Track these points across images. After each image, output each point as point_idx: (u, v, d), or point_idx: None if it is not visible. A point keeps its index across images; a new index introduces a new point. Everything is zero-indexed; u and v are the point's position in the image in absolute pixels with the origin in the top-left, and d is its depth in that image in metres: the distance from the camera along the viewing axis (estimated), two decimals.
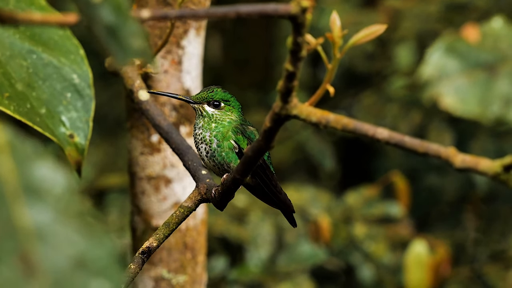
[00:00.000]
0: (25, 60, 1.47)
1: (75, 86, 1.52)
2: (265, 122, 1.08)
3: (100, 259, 0.74)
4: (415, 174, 3.90)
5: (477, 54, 0.83)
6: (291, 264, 3.07)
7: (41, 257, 0.72)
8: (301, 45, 0.97)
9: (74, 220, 0.74)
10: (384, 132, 0.94)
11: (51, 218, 0.74)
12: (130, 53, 0.79)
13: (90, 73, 1.54)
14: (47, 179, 0.75)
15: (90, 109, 1.53)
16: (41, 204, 0.74)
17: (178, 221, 1.50)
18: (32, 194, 0.74)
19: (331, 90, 1.05)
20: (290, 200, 1.58)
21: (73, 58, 1.53)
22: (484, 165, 0.86)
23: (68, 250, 0.73)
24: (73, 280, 0.72)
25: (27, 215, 0.73)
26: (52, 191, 0.75)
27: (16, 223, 0.73)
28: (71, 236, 0.74)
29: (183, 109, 1.95)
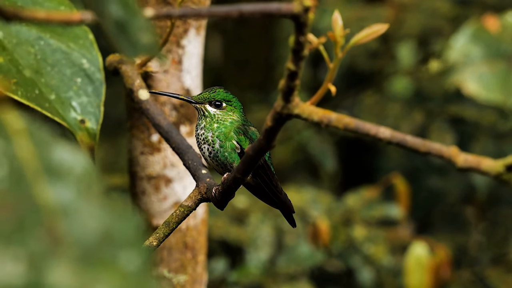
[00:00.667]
0: (32, 47, 1.47)
1: (85, 71, 1.51)
2: (266, 121, 1.08)
3: (127, 233, 0.74)
4: (416, 176, 3.90)
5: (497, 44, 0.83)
6: (291, 266, 3.07)
7: (67, 231, 0.72)
8: (303, 44, 0.96)
9: (96, 197, 0.75)
10: (386, 131, 0.94)
11: (74, 195, 0.74)
12: (139, 48, 0.79)
13: (99, 57, 1.53)
14: (67, 161, 0.76)
15: (101, 94, 1.52)
16: (63, 183, 0.75)
17: (178, 220, 1.49)
18: (53, 175, 0.75)
19: (332, 90, 1.05)
20: (290, 200, 1.58)
21: (82, 43, 1.52)
22: (487, 164, 0.86)
23: (93, 225, 0.73)
24: (101, 252, 0.72)
25: (50, 193, 0.74)
26: (73, 171, 0.75)
27: (39, 201, 0.73)
28: (95, 212, 0.74)
29: (184, 108, 1.95)
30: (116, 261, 0.72)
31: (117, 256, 0.72)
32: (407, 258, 3.07)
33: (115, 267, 0.72)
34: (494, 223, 3.88)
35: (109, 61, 1.73)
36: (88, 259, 0.71)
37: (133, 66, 1.71)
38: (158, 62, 1.59)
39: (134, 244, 0.73)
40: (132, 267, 0.72)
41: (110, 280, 0.71)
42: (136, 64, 1.74)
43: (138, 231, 0.74)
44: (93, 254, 0.72)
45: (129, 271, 0.72)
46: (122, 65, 1.70)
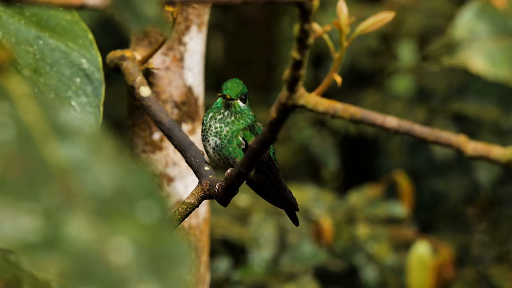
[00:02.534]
0: (31, 46, 1.46)
1: (84, 71, 1.50)
2: (271, 113, 1.06)
3: (142, 186, 0.73)
4: (419, 175, 3.89)
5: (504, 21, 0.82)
6: (294, 264, 3.05)
7: (80, 186, 0.71)
8: (308, 32, 0.95)
9: (108, 155, 0.74)
10: (393, 120, 0.92)
11: (84, 153, 0.73)
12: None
13: (99, 57, 1.52)
14: (74, 122, 0.75)
15: (100, 94, 1.51)
16: (72, 142, 0.74)
17: (181, 217, 1.47)
18: (62, 135, 0.74)
19: (338, 80, 1.03)
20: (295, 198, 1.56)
21: (81, 43, 1.51)
22: (496, 152, 0.84)
23: (107, 180, 0.72)
24: (117, 205, 0.71)
25: (60, 152, 0.73)
26: (81, 131, 0.75)
27: (49, 160, 0.72)
28: (107, 168, 0.73)
29: (185, 106, 1.93)
30: (133, 213, 0.71)
31: (134, 208, 0.71)
32: (409, 258, 3.05)
33: (133, 219, 0.71)
34: (496, 222, 3.87)
35: (110, 57, 1.72)
36: (105, 211, 0.70)
37: (134, 62, 1.69)
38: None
39: (150, 196, 0.72)
40: (150, 218, 0.72)
41: (129, 231, 0.70)
42: (137, 60, 1.73)
43: (153, 183, 0.72)
44: (109, 207, 0.71)
45: (147, 222, 0.71)
46: (123, 62, 1.69)
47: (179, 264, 0.69)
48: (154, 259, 0.69)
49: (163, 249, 0.70)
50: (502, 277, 3.40)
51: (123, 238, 0.69)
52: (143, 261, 0.69)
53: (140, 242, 0.70)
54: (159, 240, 0.70)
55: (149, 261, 0.69)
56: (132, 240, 0.69)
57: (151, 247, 0.70)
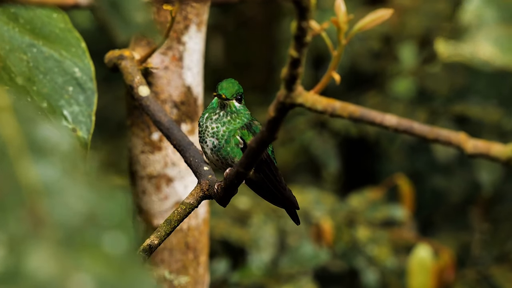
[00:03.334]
0: (25, 54, 1.45)
1: (77, 80, 1.49)
2: (269, 112, 1.05)
3: (113, 213, 0.71)
4: (420, 177, 3.88)
5: None
6: (294, 266, 3.04)
7: (49, 212, 0.69)
8: (306, 30, 0.94)
9: (82, 176, 0.72)
10: (392, 119, 0.91)
11: (58, 174, 0.72)
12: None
13: (92, 66, 1.52)
14: (52, 138, 0.73)
15: (92, 103, 1.50)
16: (47, 162, 0.72)
17: (180, 218, 1.47)
18: (38, 153, 0.72)
19: (336, 78, 1.02)
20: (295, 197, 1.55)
21: (74, 51, 1.50)
22: (497, 150, 0.83)
23: (78, 205, 0.70)
24: (84, 234, 0.69)
25: (33, 172, 0.71)
26: (58, 149, 0.73)
27: (21, 180, 0.70)
28: (80, 192, 0.71)
29: (184, 106, 1.92)
30: (100, 244, 0.69)
31: (102, 239, 0.70)
32: (410, 261, 3.04)
33: (99, 251, 0.69)
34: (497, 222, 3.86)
35: (109, 57, 1.71)
36: (71, 241, 0.68)
37: (133, 62, 1.68)
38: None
39: (120, 225, 0.70)
40: (117, 250, 0.70)
41: (93, 265, 0.68)
42: (136, 60, 1.72)
43: (125, 211, 0.71)
44: (76, 236, 0.69)
45: (113, 255, 0.69)
46: (121, 61, 1.68)
47: None
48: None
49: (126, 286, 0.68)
50: (503, 277, 3.39)
51: (86, 273, 0.67)
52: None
53: (103, 278, 0.67)
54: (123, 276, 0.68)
55: None
56: (95, 276, 0.67)
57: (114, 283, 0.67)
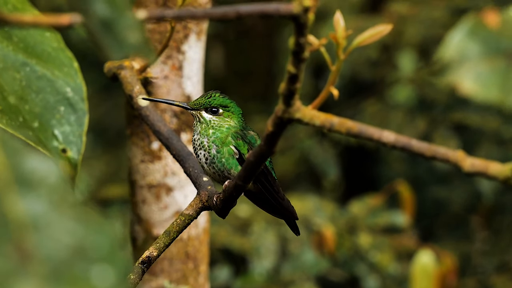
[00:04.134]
0: (18, 73, 1.45)
1: (69, 100, 1.49)
2: (267, 126, 1.05)
3: (101, 246, 0.70)
4: (420, 184, 3.87)
5: (497, 40, 0.80)
6: (295, 273, 3.04)
7: (36, 247, 0.69)
8: (304, 46, 0.93)
9: (70, 209, 0.72)
10: (390, 135, 0.91)
11: (45, 207, 0.71)
12: (127, 47, 0.76)
13: (84, 86, 1.52)
14: (39, 170, 0.73)
15: (83, 123, 1.50)
16: (34, 195, 0.72)
17: (179, 229, 1.46)
18: (25, 185, 0.72)
19: (335, 93, 1.02)
20: (293, 207, 1.54)
21: (66, 71, 1.50)
22: (494, 169, 0.83)
23: (65, 239, 0.70)
24: (72, 268, 0.69)
25: (20, 206, 0.71)
26: (45, 181, 0.73)
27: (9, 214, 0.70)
28: (67, 225, 0.71)
29: (184, 115, 1.92)
30: (89, 277, 0.69)
31: (90, 272, 0.69)
32: (413, 266, 3.03)
33: (87, 284, 0.68)
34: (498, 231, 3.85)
35: (108, 67, 1.71)
36: (59, 276, 0.68)
37: (133, 71, 1.68)
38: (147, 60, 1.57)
39: (108, 258, 0.70)
40: (106, 284, 0.69)
41: None
42: (136, 69, 1.71)
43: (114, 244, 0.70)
44: (64, 270, 0.68)
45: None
46: (121, 71, 1.67)
47: None
48: None
49: None
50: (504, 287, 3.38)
51: None
52: None
53: None
54: None
55: None
56: None
57: None
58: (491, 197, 3.70)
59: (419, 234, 3.62)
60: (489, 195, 3.68)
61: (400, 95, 3.88)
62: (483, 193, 3.69)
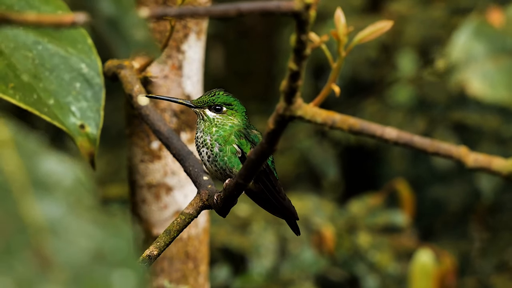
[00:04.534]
0: (30, 51, 1.44)
1: (84, 76, 1.48)
2: (268, 124, 1.05)
3: (120, 250, 0.70)
4: (420, 184, 3.87)
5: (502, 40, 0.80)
6: (295, 272, 3.03)
7: (56, 252, 0.68)
8: (305, 43, 0.93)
9: (87, 212, 0.71)
10: (392, 132, 0.90)
11: (63, 211, 0.70)
12: (133, 45, 0.76)
13: (99, 61, 1.51)
14: (55, 172, 0.72)
15: (100, 98, 1.49)
16: (51, 198, 0.71)
17: (179, 228, 1.46)
18: (41, 189, 0.71)
19: (336, 90, 1.02)
20: (294, 207, 1.54)
21: (80, 48, 1.49)
22: (498, 164, 0.83)
23: (84, 243, 0.69)
24: (93, 273, 0.68)
25: (37, 210, 0.70)
26: (62, 184, 0.71)
27: (26, 219, 0.69)
28: (86, 228, 0.70)
29: (184, 115, 1.91)
30: (110, 283, 0.68)
31: (111, 277, 0.68)
32: (412, 266, 3.03)
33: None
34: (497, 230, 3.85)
35: (108, 66, 1.70)
36: (79, 282, 0.67)
37: (132, 71, 1.68)
38: (153, 57, 1.56)
39: (128, 262, 0.69)
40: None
41: None
42: (135, 69, 1.71)
43: (133, 247, 0.70)
44: (85, 276, 0.67)
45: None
46: (121, 70, 1.67)
47: None
48: None
49: None
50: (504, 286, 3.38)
51: None
52: None
53: None
54: None
55: None
56: None
57: None
58: (490, 196, 3.70)
59: (419, 234, 3.62)
60: (489, 194, 3.68)
61: (400, 95, 3.88)
62: (483, 192, 3.69)
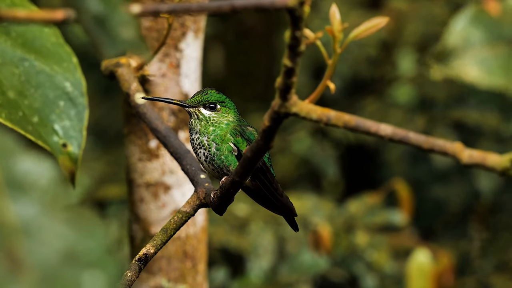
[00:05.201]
0: (17, 68, 1.45)
1: (68, 95, 1.49)
2: (264, 121, 1.05)
3: (92, 251, 0.70)
4: (420, 184, 3.87)
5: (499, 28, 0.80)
6: (293, 274, 3.03)
7: (27, 253, 0.68)
8: (300, 39, 0.93)
9: (61, 212, 0.71)
10: (387, 128, 0.90)
11: (37, 211, 0.70)
12: (120, 43, 0.76)
13: (83, 81, 1.51)
14: (31, 172, 0.72)
15: (83, 118, 1.50)
16: (26, 198, 0.71)
17: (176, 226, 1.46)
18: (16, 188, 0.71)
19: (331, 87, 1.01)
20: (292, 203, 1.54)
21: (66, 66, 1.50)
22: (492, 160, 0.82)
23: (57, 244, 0.69)
24: (63, 274, 0.68)
25: (11, 210, 0.70)
26: (37, 184, 0.72)
27: (0, 219, 0.69)
28: (59, 229, 0.70)
29: (182, 113, 1.91)
30: (80, 284, 0.68)
31: (81, 278, 0.68)
32: (409, 265, 3.03)
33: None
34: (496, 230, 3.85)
35: (105, 64, 1.70)
36: (50, 282, 0.67)
37: (130, 69, 1.68)
38: (142, 57, 1.56)
39: (99, 263, 0.69)
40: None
41: None
42: (133, 67, 1.71)
43: (105, 248, 0.70)
44: (55, 277, 0.68)
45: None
46: (118, 69, 1.67)
47: None
48: None
49: None
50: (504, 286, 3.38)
51: None
52: None
53: None
54: None
55: None
56: None
57: None
58: (489, 196, 3.70)
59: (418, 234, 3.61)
60: (488, 194, 3.68)
61: (400, 93, 3.88)
62: (482, 192, 3.69)
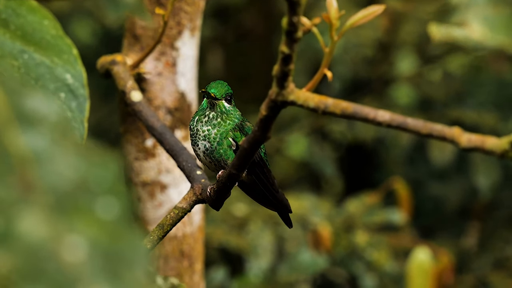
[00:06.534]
0: (16, 60, 1.45)
1: (69, 86, 1.48)
2: (261, 111, 1.04)
3: (105, 180, 0.70)
4: (418, 183, 3.87)
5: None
6: (292, 274, 3.02)
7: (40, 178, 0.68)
8: (297, 25, 0.92)
9: (72, 145, 0.71)
10: (385, 114, 0.90)
11: (47, 143, 0.71)
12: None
13: (84, 73, 1.51)
14: (40, 109, 0.72)
15: (84, 109, 1.49)
16: (36, 131, 0.71)
17: (173, 222, 1.45)
18: (26, 122, 0.71)
19: (329, 75, 1.01)
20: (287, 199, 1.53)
21: (66, 58, 1.49)
22: (491, 143, 0.82)
23: (69, 173, 0.69)
24: (76, 199, 0.69)
25: (22, 141, 0.70)
26: (47, 119, 0.72)
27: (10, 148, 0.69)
28: (70, 160, 0.70)
29: (178, 112, 1.90)
30: (92, 209, 0.69)
31: (94, 204, 0.69)
32: (409, 264, 3.02)
33: (91, 215, 0.68)
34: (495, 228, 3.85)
35: (101, 63, 1.70)
36: (63, 207, 0.68)
37: (125, 67, 1.67)
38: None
39: (112, 191, 0.69)
40: (110, 216, 0.69)
41: (85, 228, 0.67)
42: (128, 65, 1.70)
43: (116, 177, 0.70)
44: (68, 202, 0.68)
45: (106, 220, 0.68)
46: (114, 67, 1.67)
47: (135, 266, 0.67)
48: (109, 260, 0.67)
49: (119, 250, 0.67)
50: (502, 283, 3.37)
51: (79, 236, 0.66)
52: (98, 261, 0.66)
53: (96, 241, 0.67)
54: (116, 240, 0.68)
55: (103, 262, 0.66)
56: (88, 239, 0.67)
57: (107, 247, 0.67)
58: (488, 194, 3.70)
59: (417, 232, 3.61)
60: (486, 190, 3.68)
61: (398, 93, 3.88)
62: (480, 189, 3.69)
